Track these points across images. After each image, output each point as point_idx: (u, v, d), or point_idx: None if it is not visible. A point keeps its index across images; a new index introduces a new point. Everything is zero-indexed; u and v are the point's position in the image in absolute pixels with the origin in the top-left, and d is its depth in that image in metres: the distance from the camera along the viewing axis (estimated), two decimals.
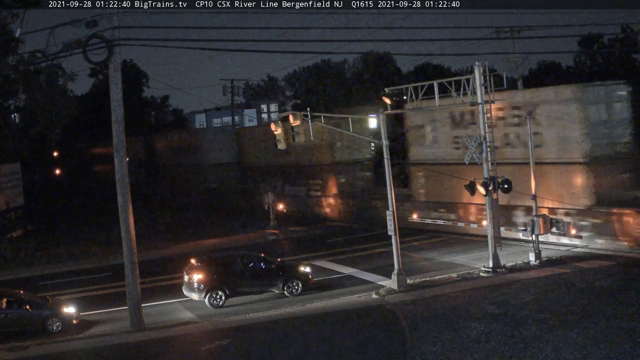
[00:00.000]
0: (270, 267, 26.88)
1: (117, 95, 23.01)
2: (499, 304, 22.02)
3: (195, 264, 26.66)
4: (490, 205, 27.02)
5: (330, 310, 23.73)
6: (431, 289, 25.39)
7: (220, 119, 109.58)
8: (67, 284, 32.00)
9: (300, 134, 27.79)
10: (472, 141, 27.18)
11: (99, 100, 72.99)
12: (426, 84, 28.51)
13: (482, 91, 27.14)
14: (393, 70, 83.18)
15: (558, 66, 76.70)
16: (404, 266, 26.74)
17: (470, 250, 32.20)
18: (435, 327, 20.15)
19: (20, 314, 23.60)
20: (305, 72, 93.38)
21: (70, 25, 21.67)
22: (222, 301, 25.66)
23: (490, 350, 17.62)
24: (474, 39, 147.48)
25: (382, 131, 26.62)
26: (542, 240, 29.19)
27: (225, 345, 20.67)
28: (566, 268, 26.55)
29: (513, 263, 28.02)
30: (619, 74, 51.31)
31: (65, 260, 38.15)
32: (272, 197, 45.21)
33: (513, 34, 45.29)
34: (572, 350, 17.06)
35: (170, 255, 37.47)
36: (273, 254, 32.02)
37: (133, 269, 23.38)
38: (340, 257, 33.80)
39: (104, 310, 26.39)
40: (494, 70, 32.23)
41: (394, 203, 26.35)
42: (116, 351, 21.15)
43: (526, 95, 33.80)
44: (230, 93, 66.28)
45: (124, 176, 23.29)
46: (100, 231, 45.89)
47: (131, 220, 23.35)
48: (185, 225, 49.12)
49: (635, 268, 25.57)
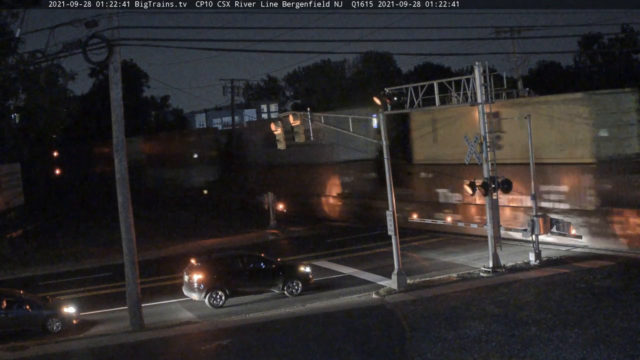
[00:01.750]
0: (270, 267, 26.88)
1: (117, 95, 23.01)
2: (499, 304, 22.01)
3: (195, 264, 26.66)
4: (490, 205, 27.02)
5: (331, 310, 23.72)
6: (431, 289, 25.39)
7: (220, 119, 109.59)
8: (67, 284, 32.00)
9: (300, 134, 27.81)
10: (472, 141, 27.18)
11: (99, 100, 73.06)
12: (426, 84, 28.49)
13: (482, 91, 27.14)
14: (393, 70, 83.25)
15: (558, 66, 76.74)
16: (404, 266, 26.73)
17: (470, 250, 32.21)
18: (435, 327, 20.15)
19: (20, 314, 23.59)
20: (305, 72, 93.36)
21: (70, 25, 21.68)
22: (222, 301, 25.66)
23: (490, 350, 17.61)
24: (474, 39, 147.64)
25: (382, 131, 26.61)
26: (541, 240, 29.20)
27: (225, 345, 20.66)
28: (566, 268, 26.54)
29: (513, 263, 28.01)
30: (621, 76, 51.23)
31: (65, 260, 38.16)
32: (272, 197, 45.20)
33: (513, 34, 45.33)
34: (572, 350, 17.05)
35: (170, 255, 37.48)
36: (273, 254, 32.01)
37: (133, 269, 23.38)
38: (340, 257, 33.81)
39: (104, 310, 26.39)
40: (494, 70, 32.19)
41: (394, 203, 26.35)
42: (116, 351, 21.14)
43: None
44: (230, 93, 66.33)
45: (124, 176, 23.30)
46: (100, 231, 45.91)
47: (131, 220, 23.36)
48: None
49: (635, 268, 25.57)
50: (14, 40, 34.01)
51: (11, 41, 34.58)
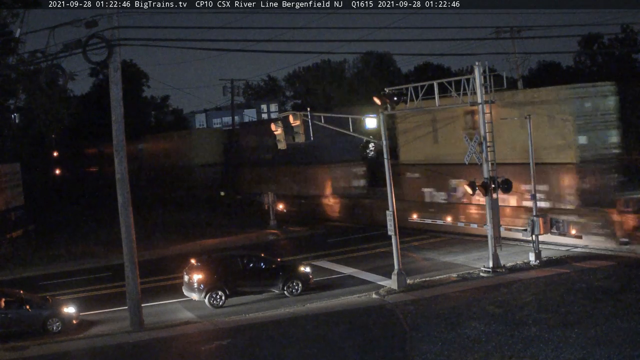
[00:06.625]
0: (270, 267, 26.88)
1: (117, 95, 23.02)
2: (499, 304, 22.01)
3: (195, 264, 26.66)
4: (490, 205, 27.01)
5: (331, 310, 23.72)
6: (431, 289, 25.39)
7: (220, 119, 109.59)
8: (67, 284, 32.00)
9: (300, 134, 27.80)
10: (472, 141, 27.17)
11: (99, 100, 73.04)
12: (426, 84, 28.50)
13: (482, 91, 27.14)
14: (393, 70, 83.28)
15: (558, 66, 76.73)
16: (404, 266, 26.74)
17: (470, 250, 32.20)
18: (435, 327, 20.15)
19: (20, 314, 23.58)
20: (305, 72, 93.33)
21: (70, 25, 21.69)
22: (222, 301, 25.66)
23: (490, 350, 17.61)
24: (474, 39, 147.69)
25: (382, 131, 26.61)
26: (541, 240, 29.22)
27: (225, 345, 20.67)
28: (566, 268, 26.54)
29: (513, 263, 28.01)
30: (621, 76, 51.26)
31: (65, 260, 38.16)
32: (272, 197, 45.20)
33: (513, 34, 45.35)
34: (572, 350, 17.05)
35: (170, 255, 37.47)
36: (273, 254, 32.01)
37: (133, 269, 23.38)
38: (340, 257, 33.80)
39: (104, 310, 26.39)
40: (494, 70, 32.24)
41: (394, 203, 26.35)
42: (116, 351, 21.15)
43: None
44: (230, 93, 66.31)
45: (124, 176, 23.30)
46: (100, 231, 45.89)
47: (131, 220, 23.37)
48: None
49: (635, 268, 25.56)
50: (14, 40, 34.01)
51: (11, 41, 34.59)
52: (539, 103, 31.69)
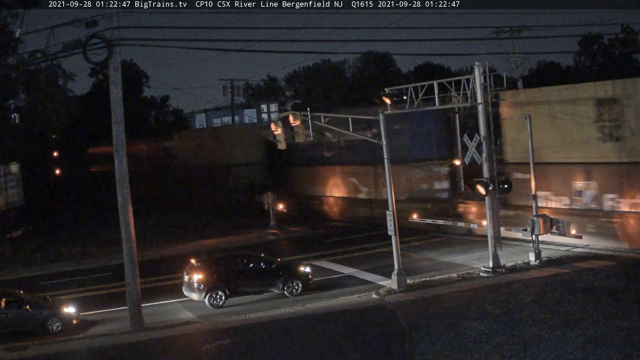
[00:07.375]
0: (270, 267, 26.88)
1: (117, 96, 23.01)
2: (499, 304, 22.01)
3: (195, 264, 26.67)
4: (490, 205, 27.02)
5: (331, 310, 23.72)
6: (431, 289, 25.39)
7: (220, 119, 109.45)
8: (67, 284, 32.00)
9: (300, 134, 27.80)
10: (472, 141, 27.18)
11: (99, 100, 72.93)
12: (426, 84, 28.49)
13: (482, 91, 27.14)
14: (393, 70, 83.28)
15: (558, 66, 76.76)
16: (404, 266, 26.74)
17: (470, 250, 32.20)
18: (435, 327, 20.15)
19: (20, 314, 23.58)
20: (305, 72, 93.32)
21: (70, 25, 21.69)
22: (222, 301, 25.66)
23: (490, 350, 17.61)
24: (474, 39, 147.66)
25: (382, 131, 26.61)
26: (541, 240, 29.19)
27: (225, 345, 20.66)
28: (566, 268, 26.55)
29: (513, 263, 28.02)
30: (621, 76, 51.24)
31: (65, 260, 38.15)
32: (272, 197, 45.17)
33: (513, 34, 45.34)
34: (572, 350, 17.06)
35: (171, 255, 37.47)
36: (273, 254, 32.00)
37: (133, 269, 23.38)
38: (340, 257, 33.81)
39: (104, 310, 26.40)
40: (494, 70, 32.19)
41: (394, 203, 26.35)
42: (116, 351, 21.14)
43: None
44: (230, 93, 66.32)
45: (124, 176, 23.30)
46: (100, 231, 45.89)
47: (131, 220, 23.36)
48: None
49: (635, 268, 25.57)
50: (14, 40, 33.99)
51: (11, 41, 34.55)
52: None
